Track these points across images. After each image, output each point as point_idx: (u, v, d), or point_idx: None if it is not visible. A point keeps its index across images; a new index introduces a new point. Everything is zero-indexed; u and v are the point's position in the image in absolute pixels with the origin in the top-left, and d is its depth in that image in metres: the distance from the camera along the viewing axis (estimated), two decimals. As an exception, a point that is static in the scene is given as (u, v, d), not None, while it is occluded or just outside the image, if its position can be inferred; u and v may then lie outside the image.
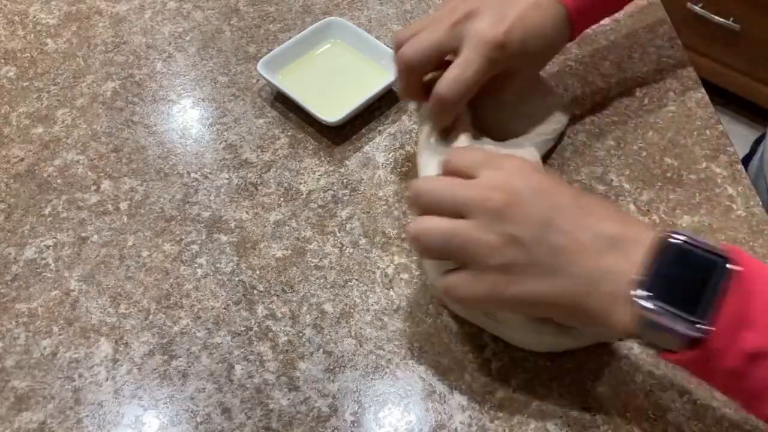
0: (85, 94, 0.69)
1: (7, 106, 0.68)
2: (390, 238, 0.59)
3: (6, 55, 0.72)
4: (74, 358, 0.53)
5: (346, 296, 0.56)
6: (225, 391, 0.52)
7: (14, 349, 0.54)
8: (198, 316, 0.55)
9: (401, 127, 0.66)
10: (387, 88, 0.66)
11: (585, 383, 0.52)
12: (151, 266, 0.58)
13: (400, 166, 0.64)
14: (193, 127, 0.67)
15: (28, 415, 0.51)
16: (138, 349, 0.54)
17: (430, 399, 0.51)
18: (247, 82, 0.70)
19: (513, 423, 0.50)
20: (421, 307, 0.56)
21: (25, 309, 0.56)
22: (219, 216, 0.61)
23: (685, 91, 0.69)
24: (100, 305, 0.56)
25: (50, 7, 0.76)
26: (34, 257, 0.58)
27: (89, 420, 0.51)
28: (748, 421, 0.50)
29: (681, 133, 0.65)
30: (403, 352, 0.53)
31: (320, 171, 0.63)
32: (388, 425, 0.50)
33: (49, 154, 0.65)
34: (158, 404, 0.51)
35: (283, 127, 0.66)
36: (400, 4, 0.76)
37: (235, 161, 0.64)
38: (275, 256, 0.58)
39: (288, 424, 0.50)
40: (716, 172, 0.63)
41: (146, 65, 0.71)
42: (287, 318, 0.55)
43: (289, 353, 0.53)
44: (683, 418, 0.50)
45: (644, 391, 0.51)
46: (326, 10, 0.75)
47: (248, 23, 0.75)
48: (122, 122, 0.67)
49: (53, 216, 0.61)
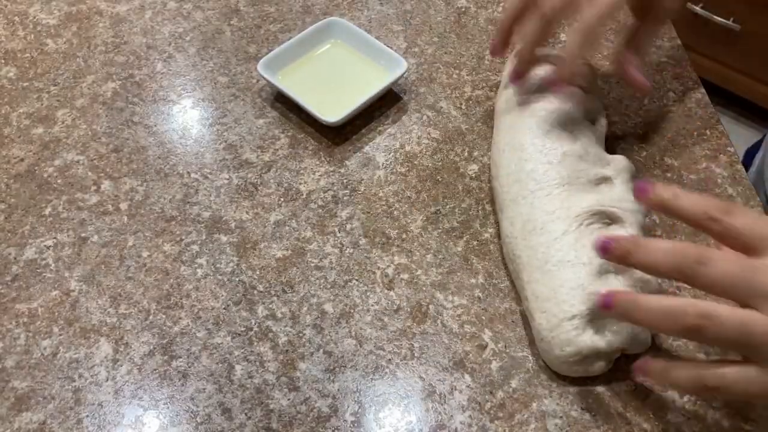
0: (85, 95, 0.69)
1: (7, 106, 0.68)
2: (390, 238, 0.59)
3: (6, 55, 0.72)
4: (74, 359, 0.53)
5: (346, 296, 0.56)
6: (225, 391, 0.52)
7: (14, 350, 0.54)
8: (198, 316, 0.55)
9: (401, 127, 0.66)
10: (387, 88, 0.66)
11: (585, 383, 0.52)
12: (151, 266, 0.58)
13: (400, 166, 0.64)
14: (193, 127, 0.67)
15: (28, 416, 0.51)
16: (138, 350, 0.54)
17: (430, 399, 0.51)
18: (247, 82, 0.70)
19: (513, 423, 0.50)
20: (421, 307, 0.56)
21: (25, 309, 0.56)
22: (219, 216, 0.61)
23: (685, 91, 0.69)
24: (100, 305, 0.56)
25: (50, 8, 0.76)
26: (34, 257, 0.58)
27: (89, 420, 0.51)
28: (749, 422, 0.50)
29: (681, 133, 0.65)
30: (403, 352, 0.53)
31: (320, 171, 0.63)
32: (389, 425, 0.50)
33: (49, 155, 0.65)
34: (158, 404, 0.51)
35: (283, 127, 0.66)
36: (400, 4, 0.76)
37: (235, 161, 0.64)
38: (275, 256, 0.58)
39: (288, 424, 0.50)
40: (716, 172, 0.63)
41: (146, 65, 0.71)
42: (287, 318, 0.55)
43: (290, 353, 0.53)
44: (683, 418, 0.50)
45: (644, 391, 0.51)
46: (326, 10, 0.75)
47: (248, 23, 0.75)
48: (122, 122, 0.67)
49: (53, 216, 0.61)
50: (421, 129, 0.66)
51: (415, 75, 0.70)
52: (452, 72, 0.70)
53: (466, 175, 0.63)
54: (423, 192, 0.62)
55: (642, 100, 0.68)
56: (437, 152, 0.65)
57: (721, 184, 0.62)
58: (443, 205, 0.61)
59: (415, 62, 0.71)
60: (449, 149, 0.65)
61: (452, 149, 0.65)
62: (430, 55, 0.72)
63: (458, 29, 0.74)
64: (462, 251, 0.58)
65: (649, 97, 0.68)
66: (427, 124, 0.67)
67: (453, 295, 0.56)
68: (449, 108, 0.68)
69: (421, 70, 0.70)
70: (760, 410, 0.51)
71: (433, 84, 0.69)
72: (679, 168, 0.63)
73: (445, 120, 0.67)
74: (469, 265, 0.58)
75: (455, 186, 0.62)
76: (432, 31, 0.74)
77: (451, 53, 0.72)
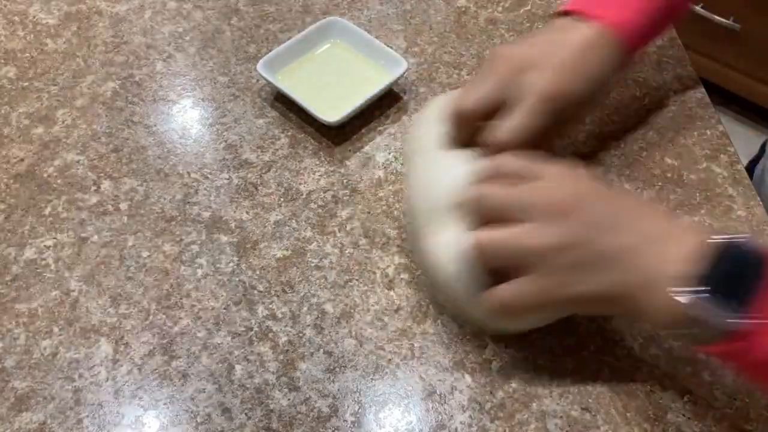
0: (85, 94, 0.69)
1: (7, 106, 0.68)
2: (390, 238, 0.59)
3: (6, 55, 0.72)
4: (74, 359, 0.53)
5: (346, 296, 0.56)
6: (225, 391, 0.52)
7: (14, 350, 0.54)
8: (198, 316, 0.55)
9: (401, 127, 0.66)
10: (387, 88, 0.66)
11: (585, 383, 0.52)
12: (151, 266, 0.58)
13: (400, 166, 0.64)
14: (193, 127, 0.67)
15: (29, 416, 0.51)
16: (138, 350, 0.54)
17: (431, 399, 0.51)
18: (247, 82, 0.70)
19: (513, 423, 0.50)
20: (421, 307, 0.56)
21: (25, 309, 0.56)
22: (219, 216, 0.61)
23: (685, 91, 0.69)
24: (100, 305, 0.56)
25: (50, 7, 0.76)
26: (34, 257, 0.58)
27: (89, 420, 0.51)
28: (749, 422, 0.50)
29: (681, 133, 0.65)
30: (404, 352, 0.53)
31: (320, 171, 0.63)
32: (389, 425, 0.50)
33: (49, 155, 0.65)
34: (158, 404, 0.51)
35: (283, 127, 0.66)
36: (400, 4, 0.76)
37: (235, 161, 0.64)
38: (275, 256, 0.58)
39: (288, 424, 0.50)
40: (716, 172, 0.63)
41: (146, 65, 0.71)
42: (287, 318, 0.55)
43: (290, 353, 0.53)
44: (683, 418, 0.50)
45: (644, 391, 0.51)
46: (326, 10, 0.75)
47: (248, 23, 0.75)
48: (122, 122, 0.67)
49: (53, 216, 0.61)
50: (421, 129, 0.66)
51: (415, 75, 0.70)
52: (452, 72, 0.70)
53: (466, 175, 0.63)
54: (423, 192, 0.62)
55: (642, 100, 0.68)
56: (437, 152, 0.65)
57: (721, 183, 0.62)
58: (443, 205, 0.61)
59: (415, 62, 0.71)
60: (449, 149, 0.65)
61: (452, 149, 0.65)
62: (430, 55, 0.72)
63: (458, 29, 0.74)
64: (462, 251, 0.58)
65: (649, 96, 0.68)
66: (427, 124, 0.67)
67: (453, 295, 0.56)
68: (449, 108, 0.68)
69: (421, 70, 0.70)
70: (760, 410, 0.51)
71: (433, 84, 0.69)
72: (679, 168, 0.63)
73: (445, 120, 0.67)
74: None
75: (455, 186, 0.62)
76: (432, 30, 0.74)
77: (451, 53, 0.72)
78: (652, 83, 0.69)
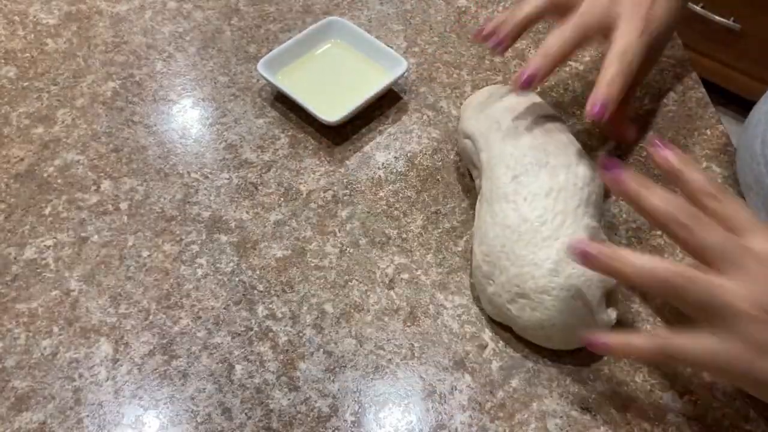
0: (85, 94, 0.69)
1: (7, 106, 0.68)
2: (390, 238, 0.59)
3: (6, 55, 0.72)
4: (74, 358, 0.53)
5: (346, 296, 0.56)
6: (225, 391, 0.52)
7: (14, 349, 0.54)
8: (198, 316, 0.55)
9: (401, 127, 0.66)
10: (387, 88, 0.66)
11: (585, 383, 0.52)
12: (151, 266, 0.58)
13: (400, 166, 0.64)
14: (193, 127, 0.67)
15: (28, 415, 0.51)
16: (138, 349, 0.54)
17: (431, 399, 0.51)
18: (247, 82, 0.70)
19: (513, 423, 0.50)
20: (422, 307, 0.56)
21: (25, 309, 0.56)
22: (219, 216, 0.61)
23: (685, 91, 0.69)
24: (100, 305, 0.56)
25: (50, 7, 0.76)
26: (34, 257, 0.58)
27: (89, 420, 0.51)
28: (749, 422, 0.50)
29: (681, 133, 0.66)
30: (403, 352, 0.53)
31: (320, 171, 0.63)
32: (389, 425, 0.50)
33: (49, 154, 0.65)
34: (158, 404, 0.51)
35: (283, 127, 0.66)
36: (400, 4, 0.76)
37: (235, 161, 0.64)
38: (275, 256, 0.58)
39: (288, 424, 0.50)
40: (716, 172, 0.63)
41: (146, 65, 0.71)
42: (287, 318, 0.55)
43: (290, 353, 0.53)
44: (683, 418, 0.50)
45: (644, 391, 0.51)
46: (326, 10, 0.75)
47: (248, 23, 0.75)
48: (122, 122, 0.67)
49: (53, 216, 0.61)
50: (421, 129, 0.66)
51: (415, 75, 0.70)
52: (452, 71, 0.70)
53: (466, 174, 0.63)
54: (423, 192, 0.62)
55: (642, 100, 0.68)
56: (437, 152, 0.65)
57: (721, 184, 0.62)
58: (443, 205, 0.61)
59: (415, 62, 0.71)
60: (449, 149, 0.65)
61: (452, 149, 0.65)
62: (430, 55, 0.72)
63: (458, 29, 0.74)
64: (462, 251, 0.58)
65: (649, 96, 0.68)
66: (427, 123, 0.67)
67: (453, 295, 0.56)
68: (449, 108, 0.68)
69: (421, 70, 0.70)
70: (760, 410, 0.51)
71: (433, 84, 0.69)
72: (679, 168, 0.63)
73: (445, 120, 0.67)
74: (469, 265, 0.58)
75: (455, 186, 0.62)
76: (432, 30, 0.74)
77: (451, 53, 0.72)
78: (652, 83, 0.69)
